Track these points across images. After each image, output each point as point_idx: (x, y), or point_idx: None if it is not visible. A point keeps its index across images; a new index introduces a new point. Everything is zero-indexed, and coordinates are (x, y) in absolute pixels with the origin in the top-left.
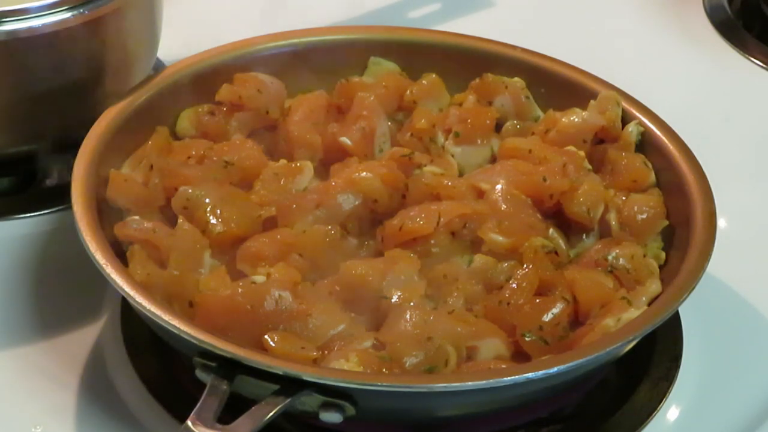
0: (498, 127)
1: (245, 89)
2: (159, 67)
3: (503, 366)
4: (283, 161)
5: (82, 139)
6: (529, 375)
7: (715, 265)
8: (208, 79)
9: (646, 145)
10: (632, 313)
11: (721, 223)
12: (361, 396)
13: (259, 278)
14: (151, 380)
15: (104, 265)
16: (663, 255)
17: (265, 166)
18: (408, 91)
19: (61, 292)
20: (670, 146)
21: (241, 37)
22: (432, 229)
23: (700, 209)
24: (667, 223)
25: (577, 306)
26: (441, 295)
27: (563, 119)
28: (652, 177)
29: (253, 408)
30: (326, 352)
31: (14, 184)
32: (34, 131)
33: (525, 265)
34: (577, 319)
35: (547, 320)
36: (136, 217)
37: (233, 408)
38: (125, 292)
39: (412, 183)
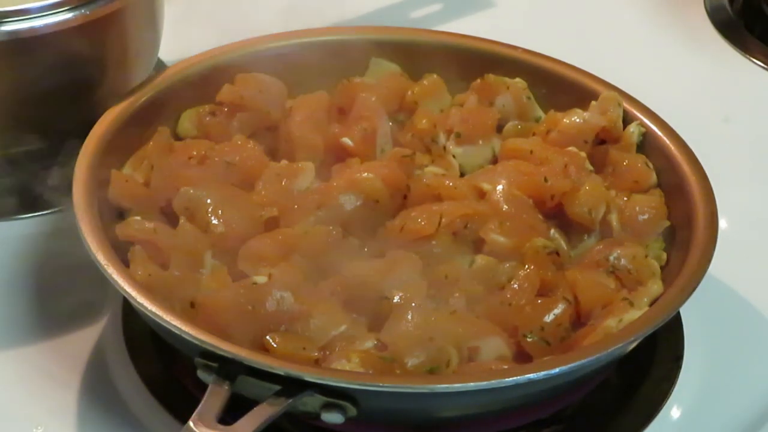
0: (499, 128)
1: (246, 90)
2: (160, 67)
3: (505, 367)
4: (284, 162)
5: (84, 139)
6: (531, 376)
7: (717, 266)
8: (209, 79)
9: (647, 145)
10: (634, 314)
11: (722, 223)
12: (362, 397)
13: (261, 279)
14: (153, 381)
15: (106, 266)
16: (664, 255)
17: (266, 167)
18: (409, 92)
19: (62, 293)
20: (672, 147)
21: (242, 38)
22: (433, 229)
23: (701, 210)
24: (668, 223)
25: (579, 307)
26: (442, 295)
27: (564, 120)
28: (654, 178)
29: (254, 408)
30: (328, 352)
31: (15, 185)
32: (35, 131)
33: (526, 266)
34: (578, 319)
35: (548, 321)
36: (138, 218)
37: (235, 409)
38: (127, 292)
39: (414, 183)
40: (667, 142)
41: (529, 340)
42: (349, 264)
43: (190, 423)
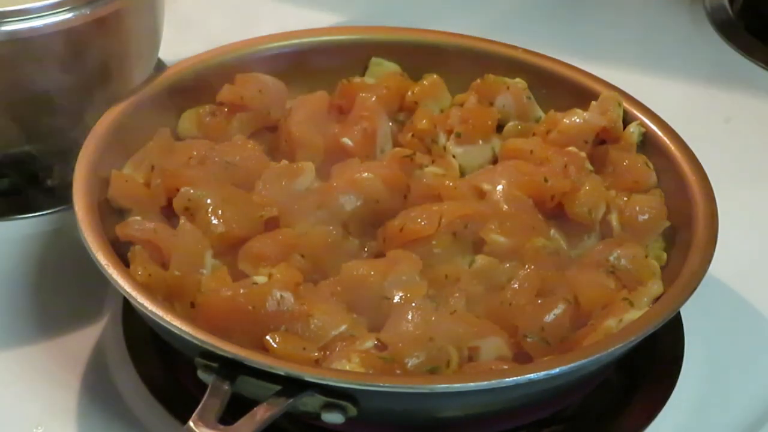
0: (499, 128)
1: (246, 90)
2: (160, 67)
3: (505, 367)
4: (284, 162)
5: (84, 139)
6: (531, 376)
7: (717, 266)
8: (209, 79)
9: (647, 145)
10: (634, 314)
11: (722, 223)
12: (362, 397)
13: (261, 279)
14: (153, 381)
15: (106, 266)
16: (664, 256)
17: (266, 167)
18: (409, 92)
19: (62, 293)
20: (672, 147)
21: (242, 38)
22: (433, 229)
23: (701, 210)
24: (668, 223)
25: (579, 307)
26: (442, 295)
27: (564, 120)
28: (654, 178)
29: (254, 409)
30: (328, 352)
31: (15, 185)
32: (36, 131)
33: (526, 266)
34: (578, 319)
35: (548, 321)
36: (138, 218)
37: (235, 409)
38: (127, 292)
39: (414, 184)
40: (667, 142)
41: (529, 340)
42: (349, 264)
43: (190, 423)
